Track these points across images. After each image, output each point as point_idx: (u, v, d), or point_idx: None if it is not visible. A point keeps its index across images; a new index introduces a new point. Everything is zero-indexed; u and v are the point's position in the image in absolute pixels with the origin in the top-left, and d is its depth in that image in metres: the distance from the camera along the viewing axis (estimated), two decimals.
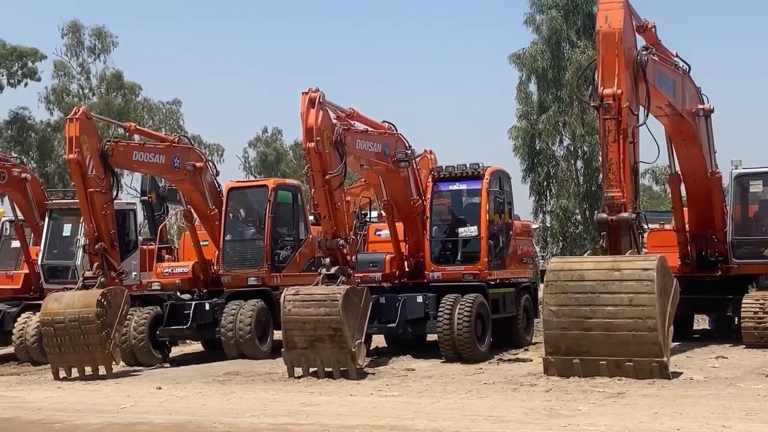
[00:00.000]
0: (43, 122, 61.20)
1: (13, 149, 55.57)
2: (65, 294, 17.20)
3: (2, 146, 56.65)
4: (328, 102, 15.85)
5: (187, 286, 19.71)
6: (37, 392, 15.06)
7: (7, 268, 21.80)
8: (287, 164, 72.16)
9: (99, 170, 17.40)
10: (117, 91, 62.35)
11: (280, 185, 20.25)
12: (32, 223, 21.64)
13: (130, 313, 17.88)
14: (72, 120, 17.25)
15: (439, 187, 18.10)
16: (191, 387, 14.76)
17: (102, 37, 61.68)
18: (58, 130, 58.74)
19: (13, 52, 57.82)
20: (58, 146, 59.51)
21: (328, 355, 14.97)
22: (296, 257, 19.92)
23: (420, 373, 15.47)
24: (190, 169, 19.39)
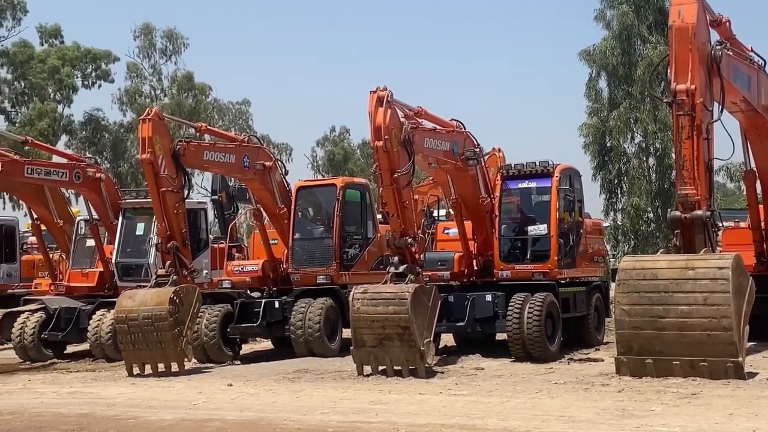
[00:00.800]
0: (116, 123, 62.48)
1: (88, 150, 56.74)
2: (139, 292, 17.48)
3: (77, 147, 57.91)
4: (396, 100, 15.84)
5: (256, 284, 19.88)
6: (112, 388, 15.32)
7: (82, 267, 22.16)
8: (355, 163, 72.46)
9: (171, 170, 17.63)
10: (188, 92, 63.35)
11: (348, 184, 20.31)
12: (106, 222, 21.99)
13: (202, 311, 18.09)
14: (145, 121, 17.49)
15: (508, 185, 17.98)
16: (261, 384, 14.89)
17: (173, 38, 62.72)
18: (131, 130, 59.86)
19: (87, 54, 59.09)
20: (130, 146, 60.66)
21: (397, 353, 14.97)
22: (364, 256, 19.96)
23: (489, 372, 15.39)
24: (260, 168, 19.54)
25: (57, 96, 59.20)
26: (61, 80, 57.87)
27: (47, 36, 59.35)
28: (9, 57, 57.72)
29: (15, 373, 18.64)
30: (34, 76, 57.34)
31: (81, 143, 60.00)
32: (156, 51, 62.87)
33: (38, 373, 18.33)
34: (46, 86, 57.83)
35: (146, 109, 18.56)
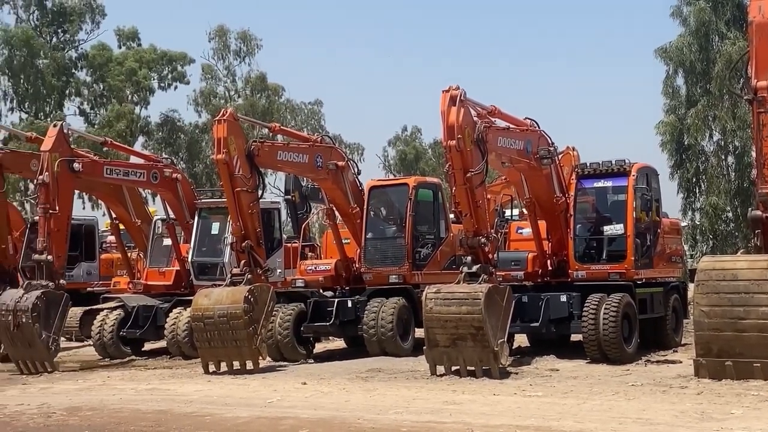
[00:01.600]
0: (192, 124, 63.47)
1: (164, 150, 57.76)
2: (214, 290, 17.69)
3: (153, 147, 58.97)
4: (469, 99, 15.76)
5: (329, 283, 19.97)
6: (189, 385, 15.53)
7: (159, 265, 22.50)
8: (426, 162, 72.45)
9: (245, 170, 17.79)
10: (261, 93, 64.08)
11: (420, 183, 20.28)
12: (183, 222, 22.32)
13: (276, 310, 18.23)
14: (220, 121, 17.68)
15: (583, 184, 17.76)
16: (335, 383, 14.95)
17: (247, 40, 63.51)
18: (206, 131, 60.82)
19: (163, 56, 60.14)
20: (205, 147, 61.58)
21: (471, 353, 14.90)
22: (437, 255, 19.90)
23: (564, 373, 15.23)
24: (333, 168, 19.61)
25: (134, 98, 60.37)
26: (138, 82, 58.99)
27: (125, 39, 60.55)
28: (88, 60, 59.06)
29: (95, 369, 19.02)
30: (112, 78, 58.55)
31: (157, 144, 61.10)
32: (230, 52, 63.76)
33: (117, 370, 18.67)
34: (123, 88, 59.00)
35: (221, 110, 18.77)
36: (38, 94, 57.75)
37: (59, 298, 18.67)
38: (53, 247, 18.81)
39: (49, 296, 18.44)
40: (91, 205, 52.62)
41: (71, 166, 19.29)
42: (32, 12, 58.69)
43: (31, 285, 18.71)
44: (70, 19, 58.74)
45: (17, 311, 18.14)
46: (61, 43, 59.51)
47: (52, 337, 18.41)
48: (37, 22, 58.71)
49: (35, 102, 58.09)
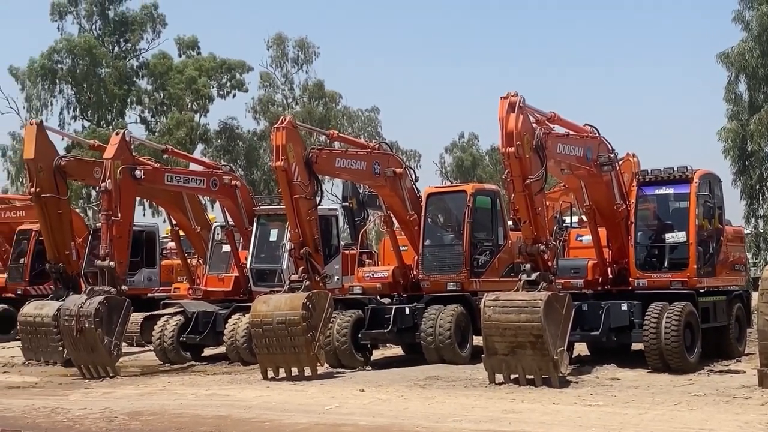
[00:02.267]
0: (250, 131, 64.08)
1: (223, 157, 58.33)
2: (273, 297, 17.78)
3: (212, 155, 59.62)
4: (527, 106, 15.67)
5: (387, 290, 19.96)
6: (248, 391, 15.63)
7: (218, 272, 22.67)
8: (483, 169, 72.21)
9: (304, 177, 17.87)
10: (318, 100, 64.46)
11: (478, 190, 20.19)
12: (241, 228, 22.48)
13: (333, 316, 18.28)
14: (279, 129, 17.79)
15: (644, 191, 17.54)
16: (393, 390, 14.93)
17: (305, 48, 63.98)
18: (264, 138, 61.36)
19: (222, 65, 60.83)
20: (263, 154, 62.13)
21: (530, 362, 14.78)
22: (495, 263, 19.80)
23: (625, 382, 15.04)
24: (390, 175, 19.63)
25: (194, 106, 61.14)
26: (197, 90, 59.73)
27: (185, 48, 61.36)
28: (149, 69, 59.99)
29: (155, 374, 19.22)
30: (173, 86, 59.37)
31: (216, 151, 61.76)
32: (288, 60, 64.28)
33: (177, 375, 18.85)
34: (183, 96, 59.79)
35: (280, 117, 18.88)
36: (100, 103, 58.80)
37: (121, 304, 18.93)
38: (115, 254, 19.09)
39: (112, 302, 18.71)
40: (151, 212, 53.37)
41: (133, 173, 19.57)
42: (95, 22, 59.84)
43: (94, 290, 19.00)
44: (131, 29, 59.74)
45: (80, 316, 18.43)
46: (123, 53, 60.53)
47: (114, 342, 18.67)
48: (100, 31, 59.82)
49: (98, 110, 59.15)
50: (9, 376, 19.55)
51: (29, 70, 57.63)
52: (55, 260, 21.14)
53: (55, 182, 20.68)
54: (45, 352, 20.49)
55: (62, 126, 56.63)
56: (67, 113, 59.21)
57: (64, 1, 58.86)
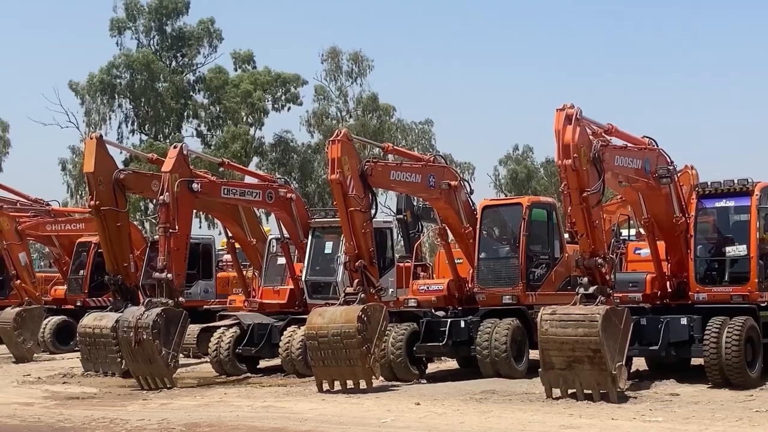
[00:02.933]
0: (304, 144, 64.42)
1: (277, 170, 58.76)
2: (328, 309, 17.82)
3: (267, 168, 60.10)
4: (584, 118, 15.54)
5: (442, 303, 19.88)
6: (303, 403, 15.67)
7: (273, 284, 22.77)
8: (538, 181, 71.78)
9: (359, 190, 17.91)
10: (372, 113, 64.60)
11: (534, 203, 20.06)
12: (297, 241, 22.57)
13: (388, 329, 18.25)
14: (334, 142, 17.85)
15: (704, 204, 17.27)
16: (449, 404, 14.86)
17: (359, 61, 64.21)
18: (318, 151, 61.65)
19: (277, 78, 61.38)
20: (317, 167, 62.41)
21: (588, 376, 14.62)
22: (551, 276, 19.63)
23: (685, 398, 14.80)
24: (445, 187, 19.59)
25: (249, 119, 61.70)
26: (253, 104, 60.30)
27: (240, 62, 62.02)
28: (205, 83, 60.75)
29: (212, 386, 19.34)
30: (228, 100, 60.02)
31: (271, 164, 62.23)
32: (342, 74, 64.55)
33: (233, 387, 18.94)
34: (239, 110, 60.41)
35: (335, 130, 18.95)
36: (158, 117, 59.67)
37: (178, 316, 19.11)
38: (173, 266, 19.28)
39: (169, 313, 18.89)
40: (207, 225, 53.90)
41: (191, 186, 19.76)
42: (153, 37, 60.78)
43: (152, 302, 19.19)
44: (188, 44, 60.55)
45: (138, 328, 18.63)
46: (180, 67, 61.36)
47: (172, 354, 18.84)
48: (158, 46, 60.72)
49: (155, 124, 60.02)
50: (68, 386, 19.83)
51: (89, 84, 58.68)
52: (113, 272, 21.40)
53: (115, 195, 20.95)
54: (104, 363, 20.74)
55: (120, 140, 57.57)
56: (126, 127, 60.24)
57: (123, 17, 59.91)
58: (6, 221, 27.09)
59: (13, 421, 14.99)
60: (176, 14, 60.38)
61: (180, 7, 60.15)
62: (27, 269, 27.44)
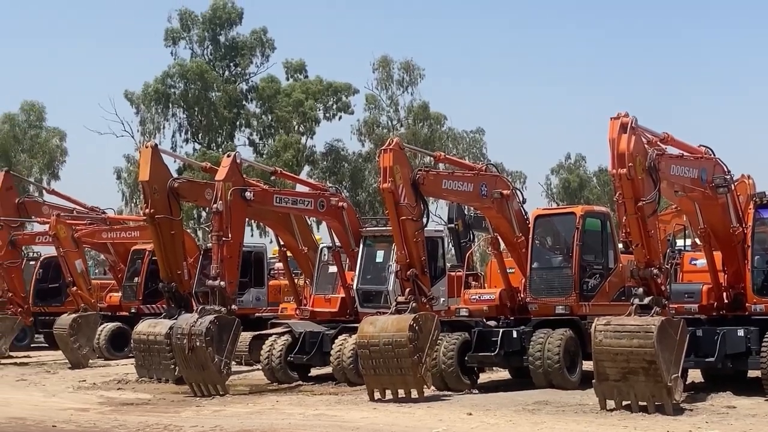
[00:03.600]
0: (355, 153, 64.58)
1: (329, 179, 58.98)
2: (380, 318, 17.82)
3: (318, 176, 60.38)
4: (639, 126, 15.39)
5: (493, 312, 19.77)
6: (355, 412, 15.67)
7: (325, 292, 22.82)
8: (591, 191, 71.18)
9: (411, 199, 17.90)
10: (423, 122, 64.61)
11: (588, 212, 19.88)
12: (348, 249, 22.60)
13: (440, 339, 18.20)
14: (386, 150, 17.87)
15: (761, 214, 16.99)
16: (501, 414, 14.77)
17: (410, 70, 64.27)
18: (369, 160, 61.79)
19: (329, 87, 61.65)
20: (368, 176, 62.54)
21: (642, 388, 14.44)
22: (605, 286, 19.42)
23: (742, 411, 14.56)
24: (498, 196, 19.50)
25: (301, 128, 62.05)
26: (304, 113, 60.63)
27: (292, 71, 62.40)
28: (258, 92, 61.25)
29: (264, 393, 19.43)
30: (280, 109, 60.43)
31: (322, 173, 62.49)
32: (393, 82, 64.65)
33: (285, 395, 19.01)
34: (290, 119, 60.76)
35: (385, 139, 18.99)
36: (211, 126, 60.26)
37: (231, 323, 19.22)
38: (226, 274, 19.40)
39: (222, 321, 19.01)
40: (259, 233, 54.23)
41: (243, 194, 19.89)
42: (207, 47, 61.43)
43: (205, 310, 19.32)
44: (241, 53, 61.08)
45: (192, 335, 18.77)
46: (233, 77, 61.92)
47: (224, 361, 18.96)
48: (211, 56, 61.37)
49: (208, 133, 60.63)
50: (123, 392, 20.06)
51: (143, 94, 59.48)
52: (167, 280, 21.61)
53: (169, 203, 21.17)
54: (157, 370, 20.95)
55: (174, 148, 58.21)
56: (179, 136, 60.91)
57: (178, 27, 60.66)
58: (63, 229, 27.54)
59: (69, 426, 15.21)
60: (230, 24, 60.98)
61: (233, 17, 60.74)
62: (83, 276, 27.86)
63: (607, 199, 58.88)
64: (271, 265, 29.76)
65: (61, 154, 62.68)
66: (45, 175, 61.49)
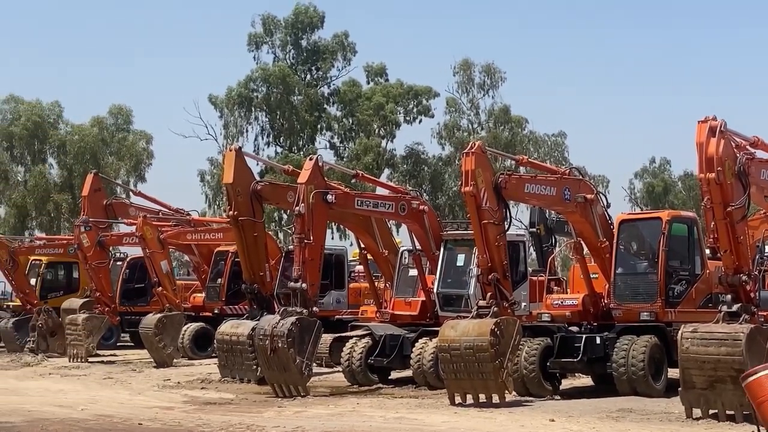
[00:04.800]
0: (435, 156, 64.47)
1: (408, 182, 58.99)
2: (461, 322, 17.74)
3: (399, 180, 60.43)
4: (728, 130, 15.06)
5: (576, 318, 19.51)
6: (435, 416, 15.64)
7: (405, 295, 22.82)
8: (676, 195, 69.84)
9: (493, 202, 17.78)
10: (504, 125, 64.21)
11: (674, 217, 19.49)
12: (429, 253, 22.56)
13: (521, 344, 18.05)
14: (468, 154, 17.76)
15: None
16: (584, 421, 14.59)
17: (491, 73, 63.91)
18: (449, 163, 61.64)
19: (409, 91, 61.73)
20: (448, 179, 62.39)
21: (730, 397, 14.10)
22: (692, 293, 19.00)
23: None
24: (581, 201, 19.26)
25: (381, 131, 62.23)
26: (385, 116, 60.82)
27: (373, 75, 62.61)
28: (339, 95, 61.62)
29: (344, 395, 19.51)
30: (361, 113, 60.71)
31: (402, 176, 62.54)
32: (474, 86, 64.37)
33: (365, 397, 19.05)
34: (371, 122, 60.99)
35: (465, 142, 18.93)
36: (292, 129, 60.83)
37: (312, 325, 19.36)
38: (307, 276, 19.55)
39: (304, 323, 19.16)
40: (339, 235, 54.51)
41: (325, 197, 20.01)
42: (289, 51, 61.99)
43: (287, 311, 19.50)
44: (323, 57, 61.52)
45: (274, 336, 18.96)
46: (315, 80, 62.40)
47: (306, 362, 19.10)
48: (293, 60, 61.90)
49: (290, 136, 61.19)
50: (207, 392, 20.36)
51: (227, 98, 60.31)
52: (250, 281, 21.89)
53: (252, 206, 21.45)
54: (240, 370, 21.22)
55: (257, 151, 58.82)
56: (261, 139, 61.55)
57: (261, 32, 61.36)
58: (149, 230, 28.10)
59: (155, 424, 15.50)
60: (311, 28, 61.45)
61: (315, 21, 61.21)
62: (168, 277, 28.38)
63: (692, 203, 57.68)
64: (352, 267, 29.87)
65: (147, 157, 63.89)
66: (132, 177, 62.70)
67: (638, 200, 70.99)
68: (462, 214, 52.68)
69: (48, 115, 62.21)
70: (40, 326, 31.23)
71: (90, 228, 29.60)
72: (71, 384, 22.50)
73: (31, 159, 62.25)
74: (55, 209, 60.49)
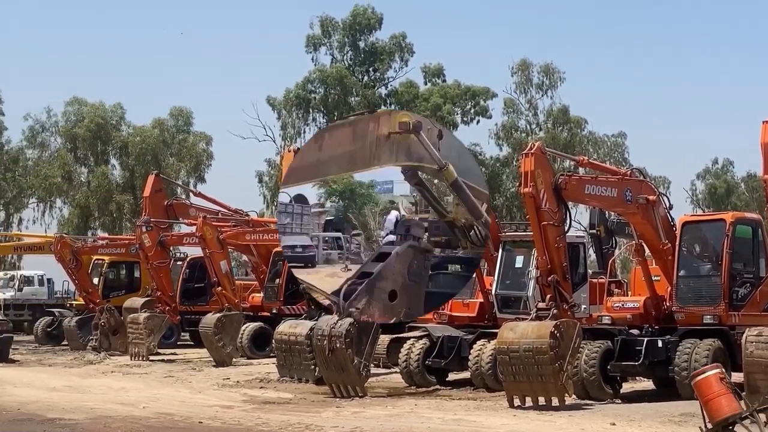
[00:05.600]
0: (493, 157, 64.18)
1: None
2: (520, 324, 17.62)
3: None
4: None
5: (637, 321, 19.24)
6: (494, 418, 15.55)
7: (463, 297, 22.76)
8: (738, 197, 68.65)
9: (552, 203, 17.62)
10: (563, 126, 63.72)
11: (739, 219, 19.13)
12: (487, 254, 22.44)
13: (582, 346, 17.85)
14: (527, 155, 17.63)
15: None
16: (646, 426, 14.40)
17: (550, 73, 63.48)
18: (507, 164, 61.30)
19: (467, 91, 61.55)
20: (506, 180, 62.05)
21: None
22: (756, 296, 18.61)
23: None
24: (643, 202, 18.98)
25: None
26: (442, 117, 60.57)
27: (430, 75, 62.53)
28: (397, 96, 61.62)
29: (402, 396, 19.49)
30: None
31: None
32: (532, 86, 64.00)
33: (423, 399, 19.01)
34: None
35: (523, 143, 18.81)
36: None
37: (370, 326, 19.37)
38: None
39: (362, 323, 19.17)
40: None
41: None
42: (346, 52, 62.22)
43: None
44: (380, 58, 61.60)
45: (332, 336, 19.01)
46: (372, 81, 62.50)
47: (363, 363, 19.13)
48: (351, 61, 62.09)
49: None
50: (265, 391, 20.50)
51: (285, 99, 60.74)
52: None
53: None
54: (298, 370, 21.33)
55: None
56: None
57: (319, 34, 61.66)
58: (209, 230, 28.39)
59: (215, 423, 15.64)
60: (369, 30, 61.58)
61: (373, 22, 61.33)
62: (227, 277, 28.65)
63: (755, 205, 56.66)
64: None
65: (206, 158, 64.60)
66: (192, 178, 63.48)
67: (700, 202, 69.96)
68: (520, 215, 52.38)
69: (111, 116, 63.27)
70: (102, 325, 31.77)
71: (151, 228, 30.03)
72: (133, 382, 22.82)
73: (94, 160, 63.32)
74: (117, 209, 61.48)
